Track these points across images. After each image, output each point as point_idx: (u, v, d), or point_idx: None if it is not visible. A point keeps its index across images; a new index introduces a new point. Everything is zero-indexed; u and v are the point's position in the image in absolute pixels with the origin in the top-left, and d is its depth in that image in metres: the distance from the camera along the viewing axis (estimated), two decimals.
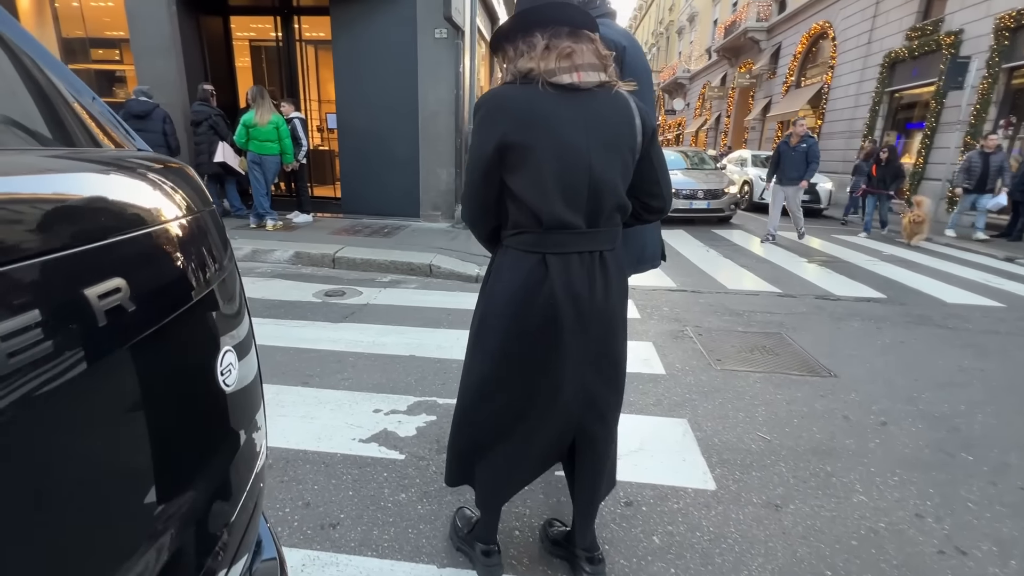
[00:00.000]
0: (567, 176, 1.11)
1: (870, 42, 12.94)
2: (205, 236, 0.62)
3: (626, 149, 1.15)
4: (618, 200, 1.17)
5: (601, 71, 1.12)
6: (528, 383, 1.24)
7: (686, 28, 29.80)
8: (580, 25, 1.11)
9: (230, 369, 0.64)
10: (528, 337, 1.20)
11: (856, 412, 2.49)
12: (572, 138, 1.09)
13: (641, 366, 2.93)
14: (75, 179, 0.47)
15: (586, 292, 1.16)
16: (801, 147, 6.88)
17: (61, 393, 0.38)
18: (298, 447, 2.05)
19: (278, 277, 4.57)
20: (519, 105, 1.09)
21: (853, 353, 3.25)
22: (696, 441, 2.19)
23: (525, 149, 1.09)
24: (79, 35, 7.58)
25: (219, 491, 0.64)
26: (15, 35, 0.67)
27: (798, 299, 4.47)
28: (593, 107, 1.11)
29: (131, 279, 0.44)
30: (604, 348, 1.24)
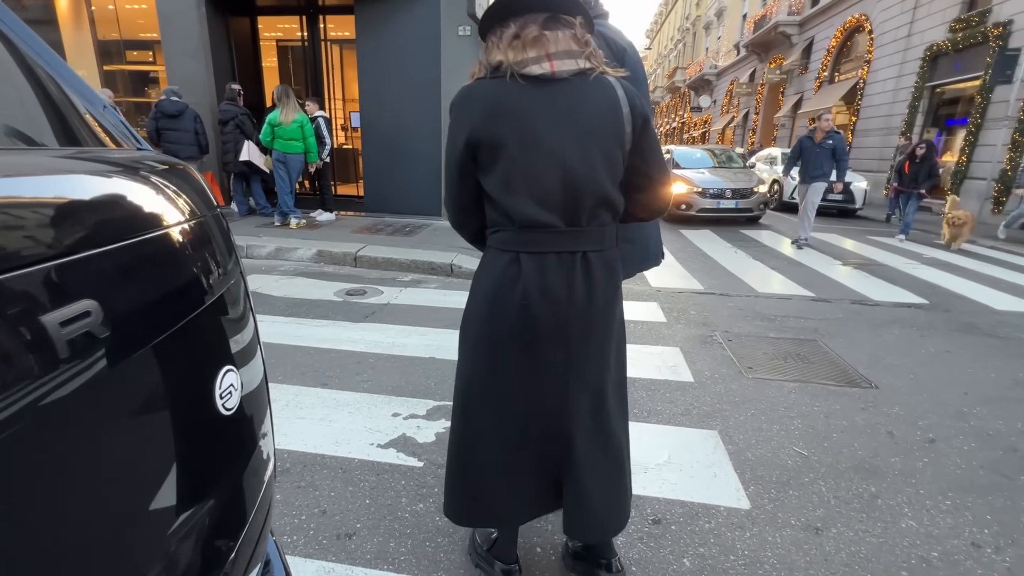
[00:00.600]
0: (538, 173, 1.03)
1: (910, 35, 12.40)
2: (207, 243, 0.56)
3: (611, 141, 1.06)
4: (601, 197, 1.08)
5: (579, 58, 1.03)
6: (505, 391, 1.17)
7: (713, 23, 29.15)
8: (556, 9, 1.02)
9: (231, 391, 0.58)
10: (504, 342, 1.14)
11: (901, 427, 2.34)
12: (543, 132, 1.02)
13: (668, 373, 2.82)
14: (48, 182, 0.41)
15: (564, 295, 1.09)
16: (827, 143, 6.23)
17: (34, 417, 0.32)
18: (316, 451, 2.02)
19: (301, 275, 4.59)
20: (486, 101, 1.03)
21: (895, 363, 3.07)
22: (727, 455, 2.08)
23: (494, 146, 1.03)
24: (114, 37, 7.79)
25: (228, 508, 0.59)
26: (25, 39, 0.62)
27: (833, 304, 4.27)
28: (570, 98, 1.03)
29: (105, 300, 0.38)
30: (588, 357, 1.16)
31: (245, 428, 0.64)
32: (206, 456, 0.55)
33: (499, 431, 1.21)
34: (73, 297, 0.34)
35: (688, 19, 36.54)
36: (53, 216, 0.39)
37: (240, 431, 0.63)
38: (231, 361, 0.60)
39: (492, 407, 1.20)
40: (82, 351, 0.36)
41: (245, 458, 0.64)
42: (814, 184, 6.42)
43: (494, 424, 1.20)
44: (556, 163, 1.03)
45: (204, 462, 0.55)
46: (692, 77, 30.81)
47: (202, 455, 0.55)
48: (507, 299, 1.11)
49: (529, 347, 1.13)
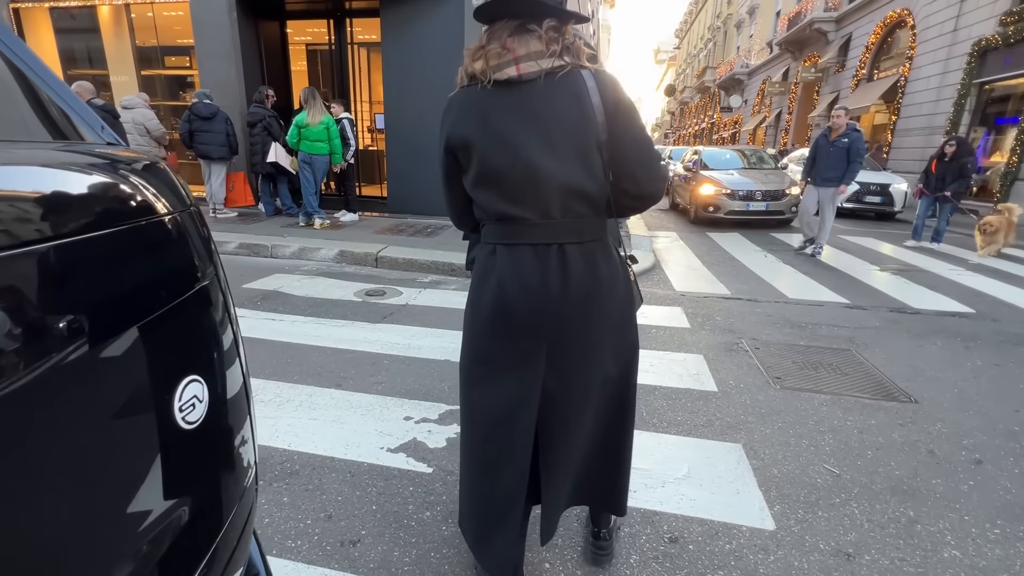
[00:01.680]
0: (503, 169, 1.08)
1: (956, 29, 11.80)
2: (167, 244, 0.52)
3: (583, 134, 1.07)
4: (572, 189, 1.08)
5: (547, 57, 1.05)
6: (488, 382, 1.22)
7: (745, 21, 28.44)
8: (523, 17, 1.05)
9: (193, 404, 0.53)
10: (484, 331, 1.19)
11: (944, 446, 2.18)
12: (508, 131, 1.07)
13: (691, 382, 2.70)
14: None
15: (537, 285, 1.11)
16: (842, 141, 5.61)
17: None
18: (326, 453, 2.00)
19: (322, 275, 4.63)
20: (460, 107, 1.12)
21: (937, 375, 2.88)
22: (752, 470, 1.97)
23: (466, 147, 1.10)
24: (152, 44, 8.07)
25: (194, 521, 0.56)
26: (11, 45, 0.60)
27: (869, 311, 4.05)
28: (538, 97, 1.06)
29: (17, 306, 0.33)
30: (566, 342, 1.16)
31: (215, 440, 0.60)
32: (163, 470, 0.51)
33: (482, 418, 1.25)
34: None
35: (719, 17, 35.77)
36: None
37: (208, 444, 0.59)
38: (197, 371, 0.56)
39: (479, 392, 1.24)
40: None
41: (215, 471, 0.60)
42: (828, 188, 5.79)
43: (480, 420, 1.25)
44: (520, 159, 1.06)
45: (161, 476, 0.51)
46: (722, 77, 30.13)
47: (158, 469, 0.50)
48: (484, 289, 1.17)
49: (506, 336, 1.17)
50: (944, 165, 6.66)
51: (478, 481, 1.30)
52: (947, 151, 6.63)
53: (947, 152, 6.62)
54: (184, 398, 0.53)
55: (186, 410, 0.53)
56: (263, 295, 3.95)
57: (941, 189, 6.70)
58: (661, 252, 6.22)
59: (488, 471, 1.27)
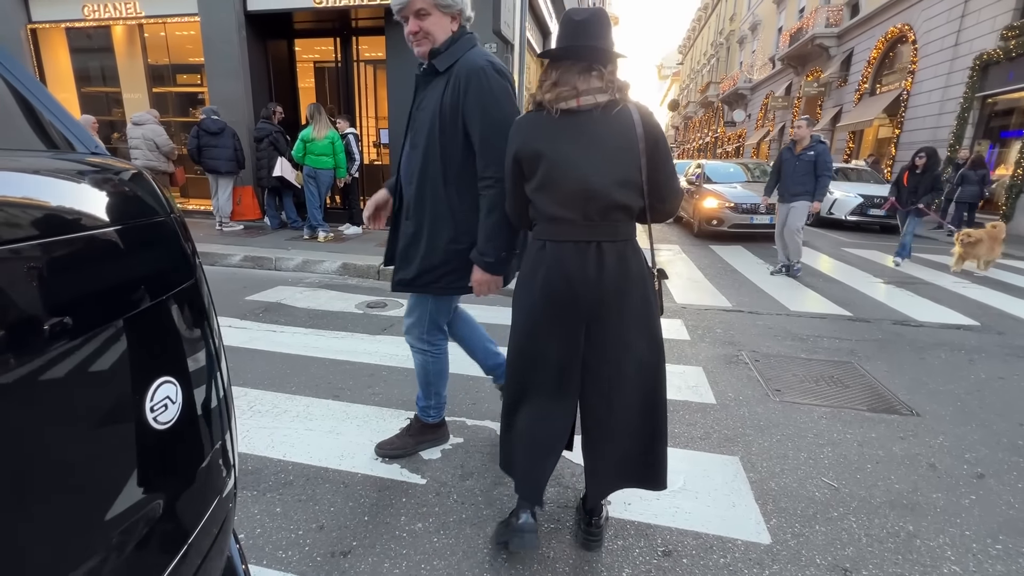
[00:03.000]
0: (561, 180, 1.35)
1: (957, 44, 11.86)
2: (141, 248, 0.54)
3: (628, 157, 1.34)
4: (613, 201, 1.35)
5: (602, 93, 1.33)
6: (535, 349, 1.46)
7: (748, 37, 28.72)
8: (592, 59, 1.33)
9: (166, 404, 0.55)
10: (533, 308, 1.44)
11: (945, 460, 2.15)
12: (568, 151, 1.33)
13: (689, 394, 2.69)
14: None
15: (578, 273, 1.36)
16: (808, 155, 5.30)
17: None
18: (320, 464, 2.00)
19: (325, 287, 4.66)
20: (529, 128, 1.39)
21: (939, 388, 2.85)
22: (749, 483, 1.95)
23: (533, 160, 1.37)
24: (164, 62, 8.27)
25: (162, 523, 0.56)
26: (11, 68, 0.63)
27: (872, 324, 4.02)
28: (592, 125, 1.34)
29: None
30: (600, 323, 1.40)
31: (188, 443, 0.61)
32: (131, 470, 0.52)
33: (531, 388, 1.49)
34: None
35: (721, 33, 36.16)
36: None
37: (181, 446, 0.60)
38: (171, 372, 0.57)
39: (528, 365, 1.48)
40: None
41: (186, 473, 0.61)
42: (795, 204, 5.41)
43: (527, 381, 1.50)
44: (575, 174, 1.33)
45: (130, 475, 0.52)
46: (726, 91, 30.34)
47: (127, 468, 0.52)
48: (535, 275, 1.42)
49: (552, 314, 1.41)
50: (916, 177, 6.41)
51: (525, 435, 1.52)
52: (918, 163, 6.39)
53: (918, 164, 6.38)
54: (156, 398, 0.54)
55: (158, 410, 0.54)
56: (265, 307, 3.98)
57: (913, 202, 6.41)
58: (663, 264, 6.21)
59: (535, 428, 1.50)
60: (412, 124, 1.73)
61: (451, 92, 1.58)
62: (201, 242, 5.96)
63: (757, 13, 26.83)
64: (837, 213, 10.11)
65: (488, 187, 1.57)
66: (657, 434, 1.50)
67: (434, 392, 2.03)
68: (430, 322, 1.89)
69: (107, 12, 7.84)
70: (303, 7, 7.09)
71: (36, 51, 8.36)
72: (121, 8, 7.76)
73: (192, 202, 8.47)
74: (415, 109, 1.72)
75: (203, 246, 5.75)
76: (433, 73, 1.64)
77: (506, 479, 1.93)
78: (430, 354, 1.95)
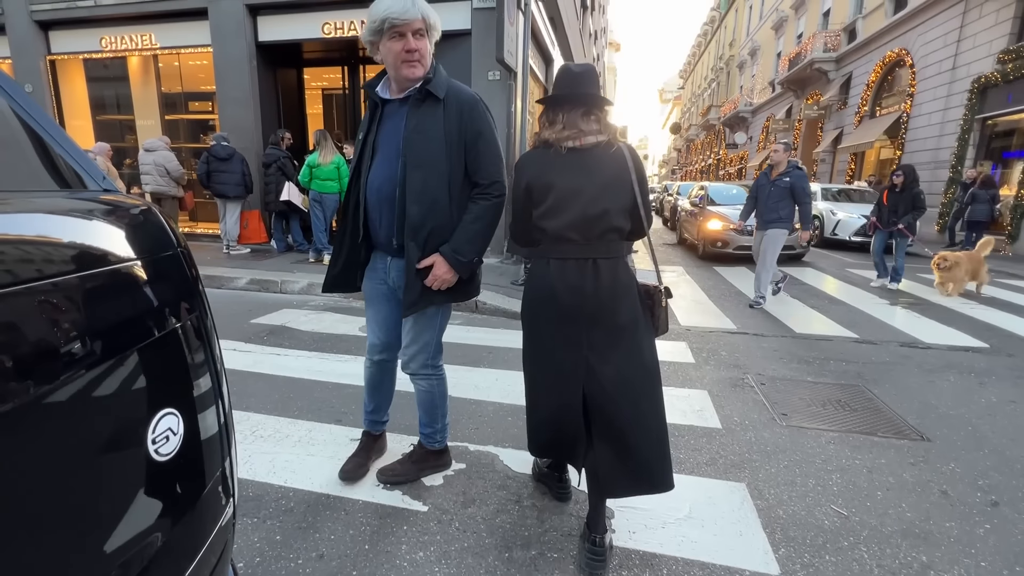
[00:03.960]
0: (565, 207, 1.56)
1: (954, 67, 12.03)
2: (145, 284, 0.55)
3: (623, 187, 1.57)
4: (608, 225, 1.56)
5: (599, 134, 1.56)
6: (544, 355, 1.66)
7: (747, 62, 29.25)
8: (591, 105, 1.57)
9: (167, 436, 0.55)
10: (541, 317, 1.65)
11: (957, 487, 2.10)
12: (572, 183, 1.55)
13: (694, 418, 2.66)
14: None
15: (579, 285, 1.56)
16: (783, 180, 4.98)
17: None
18: (322, 490, 1.98)
19: (330, 310, 4.69)
20: (539, 163, 1.61)
21: (950, 413, 2.80)
22: (756, 511, 1.91)
23: (544, 189, 1.58)
24: (177, 90, 8.51)
25: (161, 554, 0.56)
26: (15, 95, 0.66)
27: (879, 346, 3.99)
28: (592, 161, 1.56)
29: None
30: (598, 327, 1.58)
31: (188, 473, 0.62)
32: (132, 502, 0.52)
33: (545, 383, 1.68)
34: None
35: (721, 59, 36.86)
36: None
37: (180, 476, 0.60)
38: (174, 404, 0.58)
39: (539, 367, 1.69)
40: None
41: (186, 504, 0.61)
42: (770, 231, 5.08)
43: (542, 378, 1.70)
44: (581, 201, 1.54)
45: (130, 507, 0.52)
46: (727, 114, 30.75)
47: (127, 501, 0.52)
48: (542, 288, 1.63)
49: (556, 322, 1.61)
50: (895, 196, 6.09)
51: (543, 430, 1.73)
52: (896, 181, 6.06)
53: (896, 183, 6.06)
54: (158, 430, 0.55)
55: (159, 442, 0.55)
56: (270, 330, 4.00)
57: (894, 223, 6.09)
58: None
59: (551, 423, 1.69)
60: (408, 146, 1.67)
61: (456, 119, 1.68)
62: (208, 265, 6.03)
63: (756, 39, 27.38)
64: (841, 234, 10.12)
65: (485, 199, 1.73)
66: (660, 436, 1.61)
67: (440, 415, 2.02)
68: (436, 345, 1.91)
69: (123, 44, 8.12)
70: (312, 37, 7.32)
71: (54, 81, 8.63)
72: (137, 40, 8.03)
73: (200, 226, 8.60)
74: (411, 132, 1.67)
75: (210, 269, 5.81)
76: (424, 98, 1.67)
77: (508, 507, 1.90)
78: (435, 378, 1.95)
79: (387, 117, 1.75)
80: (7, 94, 0.66)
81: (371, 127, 1.76)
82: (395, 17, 1.55)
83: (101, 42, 8.20)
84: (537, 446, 1.79)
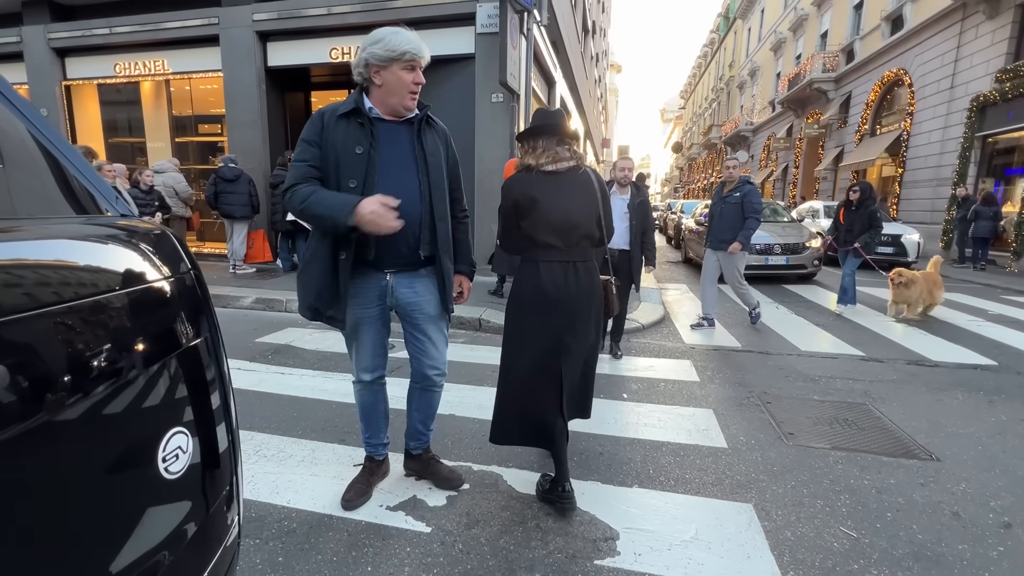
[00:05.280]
0: (549, 218, 1.91)
1: (953, 87, 12.16)
2: (158, 307, 0.57)
3: (591, 201, 1.98)
4: (584, 233, 1.96)
5: (572, 160, 1.95)
6: (530, 338, 1.98)
7: (747, 83, 29.67)
8: (565, 135, 1.95)
9: (177, 454, 0.57)
10: (529, 310, 1.96)
11: (969, 508, 2.06)
12: (553, 198, 1.91)
13: (699, 437, 2.64)
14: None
15: (562, 284, 1.92)
16: (734, 196, 4.73)
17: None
18: (324, 511, 1.97)
19: (333, 329, 4.69)
20: (524, 183, 1.94)
21: (959, 432, 2.77)
22: (764, 533, 1.88)
23: (530, 204, 1.91)
24: (187, 113, 8.70)
25: (173, 567, 0.57)
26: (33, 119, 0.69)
27: (886, 364, 3.96)
28: (567, 182, 1.94)
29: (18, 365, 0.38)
30: (576, 316, 1.95)
31: (196, 492, 0.63)
32: (140, 520, 0.53)
33: (526, 365, 1.99)
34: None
35: (722, 79, 37.40)
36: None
37: (188, 494, 0.61)
38: (184, 423, 0.59)
39: (520, 351, 2.00)
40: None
41: (192, 522, 0.62)
42: (722, 252, 4.81)
43: (522, 359, 1.99)
44: (561, 212, 1.91)
45: (138, 526, 0.53)
46: (728, 134, 31.07)
47: (135, 519, 0.53)
48: (531, 286, 1.95)
49: (543, 314, 1.93)
50: (852, 214, 5.76)
51: (522, 402, 2.02)
52: (852, 198, 5.75)
53: (852, 199, 5.75)
54: (168, 448, 0.56)
55: (169, 460, 0.56)
56: (274, 349, 4.01)
57: (849, 241, 5.76)
58: (671, 304, 6.21)
59: (531, 395, 1.99)
60: (429, 167, 1.81)
61: (444, 147, 1.91)
62: (215, 285, 6.08)
63: (755, 60, 27.82)
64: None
65: (467, 218, 2.06)
66: (591, 380, 2.17)
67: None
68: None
69: (137, 69, 8.34)
70: (320, 62, 7.51)
71: (69, 105, 8.85)
72: (150, 66, 8.25)
73: (208, 245, 8.70)
74: (428, 155, 1.81)
75: (216, 289, 5.86)
76: (429, 124, 1.86)
77: (512, 528, 1.89)
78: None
79: (383, 137, 1.76)
80: (26, 119, 0.69)
81: (371, 144, 1.74)
82: (415, 51, 1.69)
83: (115, 68, 8.43)
84: (501, 432, 2.07)
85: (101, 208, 0.72)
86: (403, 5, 6.86)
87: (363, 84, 1.76)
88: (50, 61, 8.51)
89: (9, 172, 0.66)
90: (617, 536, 1.83)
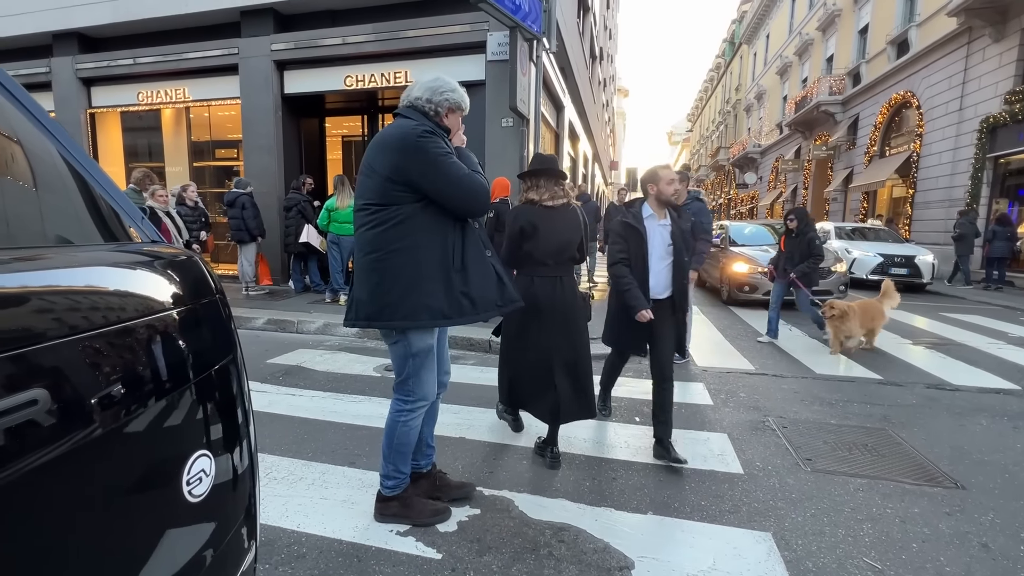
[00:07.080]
0: (545, 242, 2.47)
1: (962, 108, 12.17)
2: (182, 333, 0.58)
3: (577, 228, 2.55)
4: (570, 255, 2.56)
5: (564, 198, 2.52)
6: (525, 338, 2.53)
7: (754, 106, 29.94)
8: (560, 176, 2.54)
9: (200, 477, 0.57)
10: (525, 318, 2.45)
11: (998, 539, 1.99)
12: (552, 226, 2.48)
13: (715, 463, 2.59)
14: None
15: (551, 293, 2.49)
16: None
17: None
18: (334, 535, 1.95)
19: (344, 350, 4.72)
20: (528, 212, 2.49)
21: (984, 458, 2.69)
22: (784, 563, 1.82)
23: (532, 230, 2.46)
24: (206, 139, 8.95)
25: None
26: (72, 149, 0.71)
27: (905, 388, 3.87)
28: (561, 214, 2.50)
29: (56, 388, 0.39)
30: (564, 324, 2.49)
31: (217, 514, 0.63)
32: (161, 542, 0.54)
33: (521, 359, 2.56)
34: (19, 388, 0.36)
35: (728, 102, 37.80)
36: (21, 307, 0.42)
37: (210, 517, 0.61)
38: (208, 446, 0.60)
39: (516, 347, 2.58)
40: (26, 437, 0.37)
41: (212, 546, 0.62)
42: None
43: (518, 355, 2.57)
44: (557, 237, 2.48)
45: (160, 549, 0.53)
46: (736, 156, 31.23)
47: (156, 540, 0.53)
48: (528, 296, 2.35)
49: (536, 319, 2.47)
50: (792, 242, 5.30)
51: (514, 386, 2.63)
52: (790, 226, 5.29)
53: (790, 227, 5.29)
54: (193, 471, 0.56)
55: (193, 483, 0.56)
56: (286, 370, 4.03)
57: (787, 270, 5.28)
58: None
59: (528, 384, 2.55)
60: None
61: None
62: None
63: (761, 84, 28.13)
64: (858, 272, 9.99)
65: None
66: (591, 383, 2.55)
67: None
68: None
69: (159, 98, 8.63)
70: (335, 89, 7.71)
71: (92, 131, 9.16)
72: (172, 94, 8.54)
73: (220, 267, 8.84)
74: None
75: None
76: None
77: (525, 555, 1.85)
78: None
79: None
80: (57, 141, 0.72)
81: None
82: (467, 105, 1.99)
83: (138, 96, 8.73)
84: (508, 400, 2.71)
85: (126, 228, 0.74)
86: (416, 35, 7.06)
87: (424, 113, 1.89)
88: (76, 90, 8.83)
89: (42, 195, 0.69)
90: (632, 565, 1.79)
